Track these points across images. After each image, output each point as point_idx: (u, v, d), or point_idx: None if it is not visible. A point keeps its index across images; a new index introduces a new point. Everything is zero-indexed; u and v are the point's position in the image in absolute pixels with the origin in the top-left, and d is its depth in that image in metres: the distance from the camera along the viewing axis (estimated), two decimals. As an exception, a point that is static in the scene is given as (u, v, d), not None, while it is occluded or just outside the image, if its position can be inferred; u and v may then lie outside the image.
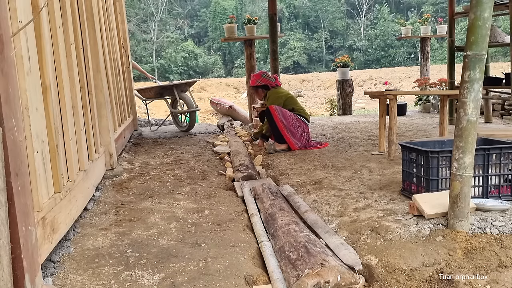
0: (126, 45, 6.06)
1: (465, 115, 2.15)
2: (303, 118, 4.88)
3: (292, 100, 5.01)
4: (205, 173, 4.15)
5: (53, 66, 2.55)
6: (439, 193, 2.57)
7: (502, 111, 7.18)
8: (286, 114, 4.75)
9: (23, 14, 2.01)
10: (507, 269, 2.01)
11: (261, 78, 5.01)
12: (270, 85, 5.01)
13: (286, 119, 4.73)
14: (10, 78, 1.53)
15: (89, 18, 3.60)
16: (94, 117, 3.55)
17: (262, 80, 5.01)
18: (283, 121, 4.71)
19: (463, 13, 6.39)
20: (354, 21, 42.10)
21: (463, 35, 24.08)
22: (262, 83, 5.02)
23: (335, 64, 8.99)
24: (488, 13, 2.08)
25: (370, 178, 3.50)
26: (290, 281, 2.07)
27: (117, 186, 3.70)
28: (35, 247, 1.67)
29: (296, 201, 3.15)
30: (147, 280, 2.11)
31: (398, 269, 2.12)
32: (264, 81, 5.01)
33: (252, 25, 7.08)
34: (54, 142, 2.33)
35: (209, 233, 2.72)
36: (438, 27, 9.57)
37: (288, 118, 4.74)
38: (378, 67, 31.30)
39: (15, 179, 1.50)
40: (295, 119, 4.78)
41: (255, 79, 5.07)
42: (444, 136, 4.45)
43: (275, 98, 4.90)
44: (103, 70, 3.88)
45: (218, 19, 38.01)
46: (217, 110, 8.00)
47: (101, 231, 2.74)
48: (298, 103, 5.07)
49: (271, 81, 5.01)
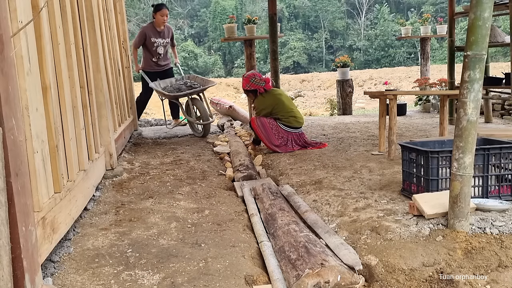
0: (126, 45, 6.06)
1: (465, 115, 2.15)
2: (287, 128, 4.79)
3: (279, 107, 4.84)
4: (205, 173, 4.15)
5: (53, 66, 2.55)
6: (439, 193, 2.57)
7: (502, 111, 7.18)
8: (266, 126, 4.79)
9: (23, 14, 2.01)
10: (507, 269, 2.02)
11: (250, 83, 4.91)
12: (259, 90, 4.90)
13: (266, 130, 4.80)
14: (10, 78, 1.53)
15: (89, 18, 3.60)
16: (94, 117, 3.56)
17: (251, 85, 4.91)
18: (263, 132, 4.82)
19: (463, 13, 6.39)
20: (354, 21, 42.09)
21: (463, 35, 24.08)
22: (251, 88, 4.92)
23: (335, 64, 8.99)
24: (488, 13, 2.08)
25: (370, 178, 3.50)
26: (290, 281, 2.07)
27: (117, 186, 3.70)
28: (35, 247, 1.67)
29: (296, 201, 3.15)
30: (147, 280, 2.11)
31: (398, 269, 2.12)
32: (253, 86, 4.91)
33: (252, 25, 7.08)
34: (54, 142, 2.34)
35: (209, 233, 2.72)
36: (438, 27, 9.57)
37: (268, 129, 4.79)
38: (378, 67, 31.28)
39: (15, 179, 1.50)
40: (278, 130, 4.78)
41: (244, 83, 4.99)
42: (444, 136, 4.45)
43: (261, 108, 4.88)
44: (103, 70, 3.88)
45: (218, 19, 37.97)
46: (217, 110, 7.99)
47: (101, 231, 2.74)
48: (286, 108, 4.85)
49: (260, 86, 4.89)
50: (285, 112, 4.82)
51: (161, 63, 6.57)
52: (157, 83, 6.19)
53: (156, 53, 6.42)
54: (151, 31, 6.35)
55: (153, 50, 6.40)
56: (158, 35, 6.37)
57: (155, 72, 6.47)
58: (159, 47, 6.42)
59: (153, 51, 6.41)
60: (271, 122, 4.79)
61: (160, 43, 6.41)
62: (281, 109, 4.82)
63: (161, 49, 6.45)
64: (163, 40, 6.44)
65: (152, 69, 6.49)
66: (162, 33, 6.41)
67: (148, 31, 6.34)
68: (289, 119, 4.81)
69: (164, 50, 6.54)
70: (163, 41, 6.45)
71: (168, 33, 6.56)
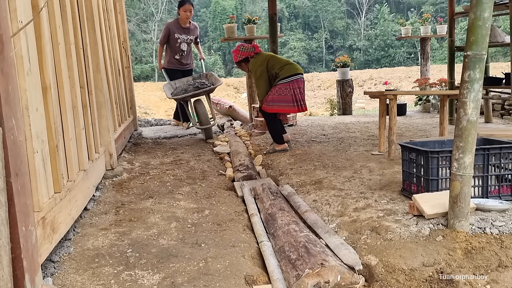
0: (126, 45, 6.06)
1: (465, 115, 2.15)
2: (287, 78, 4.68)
3: (273, 60, 4.80)
4: (205, 173, 4.15)
5: (53, 66, 2.55)
6: (439, 193, 2.57)
7: (502, 111, 7.18)
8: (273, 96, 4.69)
9: (23, 14, 2.01)
10: (507, 269, 2.02)
11: (240, 52, 4.92)
12: (250, 56, 4.89)
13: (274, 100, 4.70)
14: (10, 78, 1.53)
15: (89, 18, 3.60)
16: (94, 117, 3.56)
17: (241, 54, 4.91)
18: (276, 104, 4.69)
19: (463, 13, 6.39)
20: (354, 21, 42.09)
21: (463, 35, 24.08)
22: (243, 56, 4.92)
23: (335, 64, 8.98)
24: (488, 13, 2.08)
25: (370, 178, 3.50)
26: (290, 281, 2.07)
27: (117, 186, 3.70)
28: (35, 247, 1.67)
29: (296, 201, 3.15)
30: (147, 280, 2.12)
31: (398, 269, 2.12)
32: (243, 55, 4.90)
33: (252, 25, 7.08)
34: (54, 142, 2.34)
35: (209, 233, 2.72)
36: (438, 27, 9.56)
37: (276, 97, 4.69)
38: (378, 67, 31.25)
39: (15, 179, 1.50)
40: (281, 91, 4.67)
41: (235, 55, 5.00)
42: (444, 136, 4.45)
43: (256, 68, 4.79)
44: (103, 70, 3.87)
45: (218, 19, 37.98)
46: (217, 110, 7.98)
47: (101, 231, 2.74)
48: (281, 61, 4.81)
49: (250, 52, 4.89)
50: (280, 64, 4.76)
51: (184, 61, 6.51)
52: (172, 83, 6.08)
53: (180, 49, 6.37)
54: (175, 27, 6.31)
55: (177, 46, 6.36)
56: (182, 31, 6.32)
57: (177, 70, 6.45)
58: (183, 44, 6.36)
59: (176, 47, 6.37)
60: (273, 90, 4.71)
61: (184, 39, 6.36)
62: (275, 62, 4.78)
63: (185, 46, 6.39)
64: (186, 37, 6.38)
65: (175, 67, 6.46)
66: (187, 30, 6.37)
67: (172, 26, 6.31)
68: (286, 68, 4.72)
69: (188, 47, 6.49)
70: (187, 38, 6.39)
71: (194, 31, 6.51)
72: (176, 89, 5.90)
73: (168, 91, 5.91)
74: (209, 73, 6.20)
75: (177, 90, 5.86)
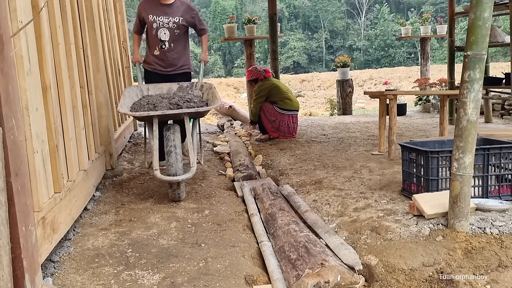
0: (126, 45, 6.05)
1: (465, 115, 2.15)
2: (282, 110, 5.39)
3: (275, 90, 5.45)
4: (205, 173, 4.15)
5: (53, 66, 2.55)
6: (439, 193, 2.57)
7: (502, 111, 7.18)
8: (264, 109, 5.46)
9: (23, 14, 2.01)
10: (507, 269, 2.01)
11: (252, 73, 5.67)
12: (260, 78, 5.61)
13: (264, 112, 5.46)
14: (10, 78, 1.53)
15: (89, 18, 3.60)
16: (94, 117, 3.56)
17: (253, 74, 5.66)
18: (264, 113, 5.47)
19: (463, 13, 6.39)
20: (354, 21, 42.08)
21: (463, 35, 24.07)
22: (254, 77, 5.66)
23: (335, 64, 8.98)
24: (488, 13, 2.08)
25: (370, 178, 3.50)
26: (290, 281, 2.07)
27: (117, 186, 3.70)
28: (35, 247, 1.67)
29: (296, 201, 3.15)
30: (147, 280, 2.12)
31: (398, 269, 2.12)
32: (254, 75, 5.65)
33: (252, 25, 7.08)
34: (54, 142, 2.34)
35: (209, 233, 2.72)
36: (438, 27, 9.57)
37: (266, 110, 5.44)
38: (378, 67, 31.25)
39: (15, 179, 1.50)
40: (273, 111, 5.41)
41: (248, 75, 5.78)
42: (444, 136, 4.45)
43: (259, 91, 5.50)
44: (103, 70, 3.87)
45: (218, 19, 37.96)
46: (217, 110, 7.98)
47: (101, 231, 2.74)
48: (282, 93, 5.46)
49: (261, 75, 5.61)
50: (281, 95, 5.45)
51: (166, 60, 4.01)
52: (144, 88, 3.82)
53: (157, 40, 3.94)
54: (148, 5, 3.95)
55: (153, 35, 3.95)
56: (160, 11, 3.91)
57: (155, 74, 4.04)
58: (161, 31, 3.90)
59: (152, 37, 3.96)
60: (267, 105, 5.44)
61: (163, 23, 3.92)
62: (277, 92, 5.46)
63: (165, 35, 3.93)
64: (168, 19, 3.90)
65: (152, 68, 4.05)
66: (170, 8, 3.92)
67: (144, 4, 3.97)
68: (284, 101, 5.43)
69: (174, 37, 3.96)
70: (169, 21, 3.91)
71: (184, 10, 3.97)
72: (141, 100, 3.61)
73: (126, 100, 3.51)
74: (206, 84, 3.87)
75: (142, 101, 3.56)
